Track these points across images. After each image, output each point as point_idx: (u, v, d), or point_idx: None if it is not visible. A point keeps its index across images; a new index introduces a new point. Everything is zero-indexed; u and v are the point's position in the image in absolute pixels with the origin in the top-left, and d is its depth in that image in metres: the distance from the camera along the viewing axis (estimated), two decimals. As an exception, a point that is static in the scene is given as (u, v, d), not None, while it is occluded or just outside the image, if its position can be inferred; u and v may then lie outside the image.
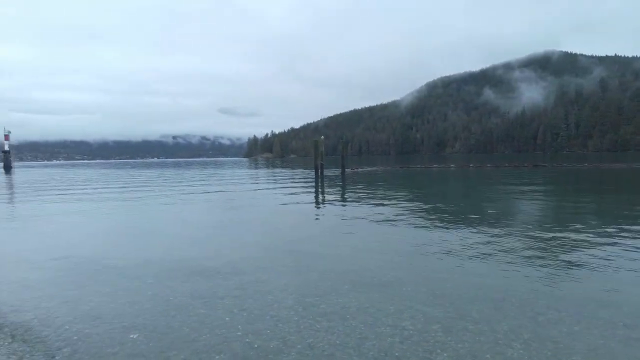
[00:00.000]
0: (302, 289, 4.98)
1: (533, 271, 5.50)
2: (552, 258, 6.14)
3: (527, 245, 7.00)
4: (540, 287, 4.90)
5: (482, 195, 16.38)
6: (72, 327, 3.97)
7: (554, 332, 3.67)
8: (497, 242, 7.28)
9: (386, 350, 3.42)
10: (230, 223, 10.44)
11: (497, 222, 9.31)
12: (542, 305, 4.31)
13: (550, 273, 5.40)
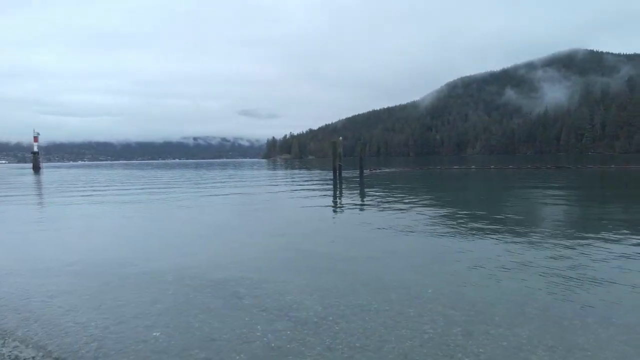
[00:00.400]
0: (321, 290, 4.99)
1: (555, 276, 5.36)
2: (576, 263, 5.98)
3: (549, 250, 6.83)
4: (564, 291, 4.78)
5: (503, 198, 16.09)
6: (97, 323, 4.07)
7: (581, 339, 3.57)
8: (518, 246, 7.14)
9: (406, 353, 3.39)
10: (249, 223, 10.54)
11: (518, 226, 9.13)
12: (567, 310, 4.21)
13: (574, 278, 5.26)
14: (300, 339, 3.66)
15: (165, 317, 4.24)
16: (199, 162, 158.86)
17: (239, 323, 4.03)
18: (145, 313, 4.35)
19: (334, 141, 30.20)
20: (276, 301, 4.61)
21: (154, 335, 3.80)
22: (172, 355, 3.43)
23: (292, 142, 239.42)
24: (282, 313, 4.26)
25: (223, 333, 3.82)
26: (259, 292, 4.95)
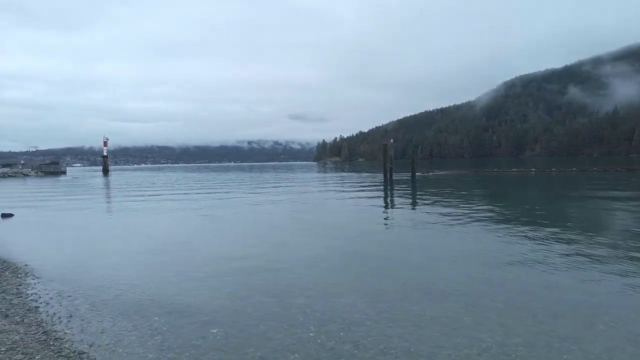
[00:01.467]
0: (374, 293, 4.97)
1: (626, 287, 4.97)
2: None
3: (618, 258, 6.33)
4: (637, 303, 4.41)
5: (566, 202, 15.09)
6: (160, 318, 4.32)
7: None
8: (583, 254, 6.67)
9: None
10: (301, 225, 10.70)
11: (584, 232, 8.53)
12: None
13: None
14: (353, 341, 3.68)
15: (222, 314, 4.42)
16: (253, 165, 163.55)
17: (293, 323, 4.12)
18: (204, 309, 4.56)
19: (385, 143, 29.87)
20: (328, 302, 4.66)
21: (212, 332, 3.97)
22: (229, 352, 3.57)
23: (342, 144, 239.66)
24: (335, 315, 4.29)
25: (278, 332, 3.92)
26: (311, 292, 5.02)
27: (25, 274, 6.03)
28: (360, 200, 16.64)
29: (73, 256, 7.41)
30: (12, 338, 3.60)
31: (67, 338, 3.73)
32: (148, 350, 3.59)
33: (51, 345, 3.54)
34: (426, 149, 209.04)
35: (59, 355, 3.35)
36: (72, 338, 3.75)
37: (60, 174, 70.04)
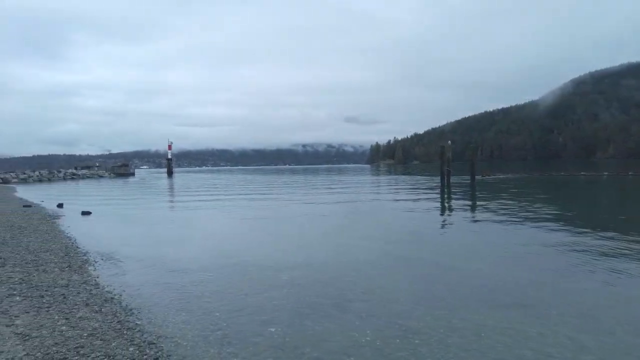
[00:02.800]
0: (431, 300, 4.85)
1: None
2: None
3: None
4: None
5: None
6: (221, 315, 4.50)
7: None
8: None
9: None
10: (355, 228, 10.68)
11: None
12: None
13: None
14: (411, 349, 3.61)
15: (280, 313, 4.52)
16: (307, 168, 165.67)
17: (349, 326, 4.12)
18: (263, 308, 4.69)
19: (443, 145, 29.00)
20: (385, 308, 4.61)
21: (270, 331, 4.07)
22: (287, 351, 3.64)
23: (396, 147, 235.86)
24: (392, 320, 4.24)
25: (334, 334, 3.94)
26: (368, 297, 5.00)
27: (102, 267, 6.55)
28: (416, 204, 16.30)
29: (142, 252, 7.93)
30: (93, 325, 3.93)
31: (138, 328, 3.99)
32: (210, 344, 3.75)
33: (125, 334, 3.81)
34: (486, 150, 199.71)
35: (131, 343, 3.59)
36: (142, 329, 4.01)
37: (130, 175, 75.36)
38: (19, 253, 7.12)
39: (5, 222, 11.09)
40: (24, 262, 6.47)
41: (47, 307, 4.40)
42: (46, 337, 3.60)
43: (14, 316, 4.07)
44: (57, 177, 59.44)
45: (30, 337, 3.59)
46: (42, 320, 4.01)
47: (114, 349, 3.44)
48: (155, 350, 3.48)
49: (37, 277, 5.61)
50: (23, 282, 5.29)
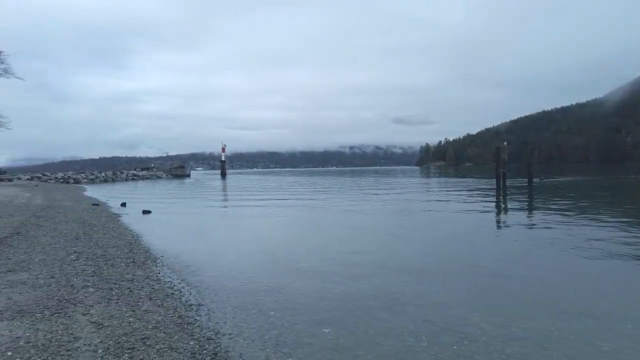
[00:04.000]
0: (489, 307, 4.66)
1: None
2: None
3: None
4: None
5: None
6: (276, 314, 4.59)
7: None
8: None
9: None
10: (406, 232, 10.50)
11: None
12: None
13: None
14: (468, 356, 3.49)
15: (333, 315, 4.54)
16: (354, 170, 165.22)
17: (404, 330, 4.06)
18: (316, 309, 4.73)
19: (498, 146, 27.78)
20: (440, 314, 4.49)
21: (324, 332, 4.10)
22: (341, 352, 3.65)
23: (448, 148, 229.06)
24: (448, 327, 4.12)
25: (388, 338, 3.89)
26: (422, 302, 4.89)
27: (162, 264, 6.91)
28: (470, 208, 15.73)
29: (199, 251, 8.28)
30: (156, 318, 4.15)
31: (197, 324, 4.17)
32: (265, 343, 3.84)
33: (185, 328, 3.99)
34: (544, 151, 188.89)
35: (191, 338, 3.76)
36: (201, 324, 4.18)
37: (186, 176, 79.06)
38: (91, 248, 7.68)
39: (78, 219, 12.02)
40: (95, 256, 6.97)
41: (116, 299, 4.71)
42: (116, 327, 3.85)
43: (89, 306, 4.40)
44: (120, 177, 63.76)
45: (103, 326, 3.86)
46: (112, 311, 4.30)
47: (176, 342, 3.61)
48: (214, 346, 3.61)
49: (106, 270, 6.02)
50: (95, 275, 5.70)
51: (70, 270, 5.91)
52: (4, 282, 5.15)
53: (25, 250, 7.13)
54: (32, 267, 5.99)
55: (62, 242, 8.08)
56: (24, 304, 4.33)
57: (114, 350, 3.34)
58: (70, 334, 3.64)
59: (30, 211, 13.79)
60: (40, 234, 8.95)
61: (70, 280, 5.35)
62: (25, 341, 3.42)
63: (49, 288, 4.97)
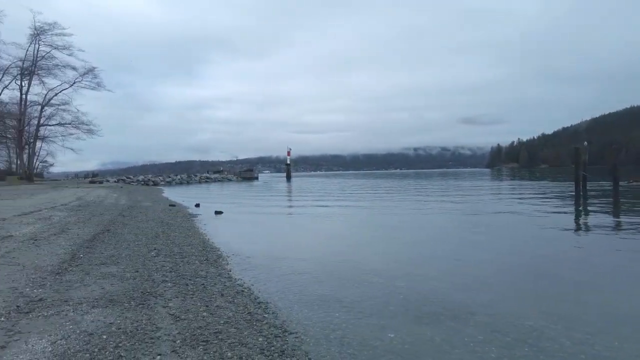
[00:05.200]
0: (568, 320, 4.34)
1: None
2: None
3: None
4: None
5: None
6: (340, 315, 4.64)
7: None
8: None
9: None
10: (476, 237, 10.07)
11: None
12: None
13: None
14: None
15: (398, 320, 4.50)
16: (419, 172, 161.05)
17: (472, 340, 3.91)
18: (381, 313, 4.72)
19: (577, 147, 25.63)
20: (512, 325, 4.27)
21: (389, 336, 4.07)
22: (405, 358, 3.61)
23: (520, 149, 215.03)
24: (521, 339, 3.91)
25: (455, 347, 3.78)
26: (493, 311, 4.68)
27: (233, 262, 7.27)
28: (545, 213, 14.68)
29: (267, 250, 8.60)
30: (227, 314, 4.39)
31: (265, 321, 4.34)
32: (330, 343, 3.90)
33: (254, 324, 4.18)
34: (631, 152, 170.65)
35: (260, 334, 3.92)
36: (269, 322, 4.35)
37: (254, 179, 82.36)
38: (168, 245, 8.29)
39: (157, 219, 13.02)
40: (172, 253, 7.52)
41: (191, 294, 5.05)
42: (192, 320, 4.14)
43: (168, 299, 4.77)
44: (194, 180, 68.03)
45: (180, 318, 4.16)
46: (188, 305, 4.61)
47: (245, 337, 3.79)
48: (281, 343, 3.74)
49: (182, 267, 6.47)
50: (172, 271, 6.16)
51: (151, 265, 6.43)
52: (98, 273, 5.74)
53: (114, 246, 7.87)
54: (120, 261, 6.60)
55: (144, 240, 8.80)
56: (114, 294, 4.80)
57: (189, 342, 3.59)
58: (153, 324, 3.97)
59: (117, 210, 15.17)
60: (125, 232, 9.83)
61: (151, 275, 5.82)
62: (116, 327, 3.80)
63: (134, 281, 5.46)
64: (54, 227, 9.61)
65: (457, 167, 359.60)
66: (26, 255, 6.49)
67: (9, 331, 3.58)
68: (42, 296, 4.59)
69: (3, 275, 5.28)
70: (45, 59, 45.02)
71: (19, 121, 44.19)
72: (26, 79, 44.82)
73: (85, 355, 3.21)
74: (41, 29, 43.89)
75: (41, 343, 3.39)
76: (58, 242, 7.85)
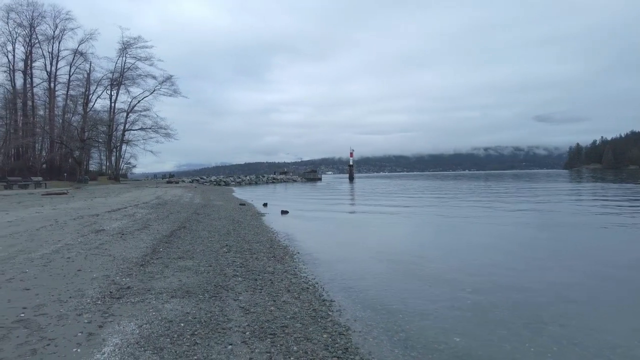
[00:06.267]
0: (660, 338, 3.95)
1: None
2: None
3: None
4: None
5: None
6: (404, 317, 4.62)
7: None
8: None
9: None
10: (550, 244, 9.42)
11: None
12: None
13: None
14: (628, 390, 3.04)
15: (464, 324, 4.38)
16: (489, 174, 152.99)
17: (546, 351, 3.71)
18: (446, 316, 4.62)
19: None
20: (591, 337, 3.98)
21: (454, 340, 3.99)
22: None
23: (604, 148, 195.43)
24: (600, 352, 3.64)
25: (526, 356, 3.61)
26: (568, 322, 4.39)
27: (298, 260, 7.50)
28: (634, 220, 13.31)
29: (330, 250, 8.74)
30: (293, 309, 4.56)
31: (329, 318, 4.44)
32: (394, 344, 3.91)
33: (319, 321, 4.30)
34: None
35: (324, 331, 4.03)
36: (333, 319, 4.44)
37: (317, 180, 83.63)
38: (239, 242, 8.74)
39: (228, 217, 13.75)
40: (242, 249, 7.92)
41: (260, 288, 5.30)
42: (260, 313, 4.35)
43: (238, 293, 5.05)
44: (262, 181, 70.80)
45: (249, 311, 4.39)
46: (257, 299, 4.85)
47: (310, 333, 3.91)
48: (345, 341, 3.81)
49: (251, 263, 6.80)
50: (242, 266, 6.49)
51: (223, 260, 6.83)
52: (175, 266, 6.22)
53: (190, 242, 8.45)
54: (195, 256, 7.09)
55: (217, 237, 9.34)
56: (190, 286, 5.18)
57: (258, 334, 3.78)
58: (225, 315, 4.23)
59: (192, 209, 16.23)
60: (200, 229, 10.50)
61: (223, 270, 6.19)
62: (192, 317, 4.11)
63: (208, 275, 5.84)
64: (137, 223, 10.53)
65: (531, 168, 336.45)
66: (116, 248, 7.20)
67: (104, 313, 4.03)
68: (130, 284, 5.08)
69: (98, 264, 5.92)
70: (131, 70, 49.61)
71: (108, 127, 48.89)
72: (115, 89, 49.74)
73: (166, 340, 3.52)
74: (128, 43, 48.50)
75: (130, 326, 3.77)
76: (141, 236, 8.60)
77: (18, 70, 42.95)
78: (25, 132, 40.89)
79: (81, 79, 47.41)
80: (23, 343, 3.24)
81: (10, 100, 41.94)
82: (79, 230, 8.73)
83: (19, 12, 41.87)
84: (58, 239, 7.61)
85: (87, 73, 47.41)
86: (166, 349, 3.33)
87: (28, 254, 6.32)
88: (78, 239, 7.73)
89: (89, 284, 4.97)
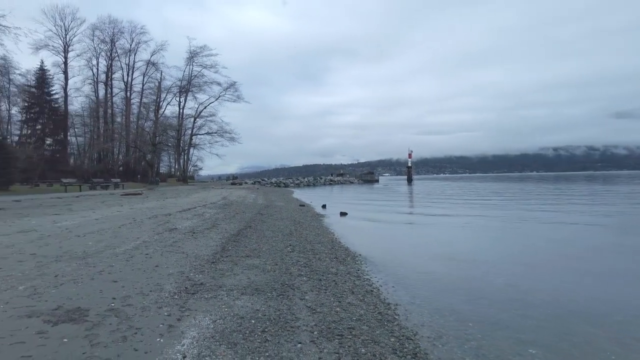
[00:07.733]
0: None
1: None
2: None
3: None
4: None
5: None
6: (474, 325, 4.44)
7: None
8: None
9: None
10: (621, 250, 8.60)
11: None
12: None
13: None
14: None
15: (540, 336, 4.13)
16: (559, 175, 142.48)
17: None
18: (520, 326, 4.39)
19: None
20: None
21: (530, 352, 3.78)
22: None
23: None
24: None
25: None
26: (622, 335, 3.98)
27: (360, 262, 7.48)
28: None
29: (392, 253, 8.63)
30: (359, 311, 4.56)
31: (396, 322, 4.39)
32: (465, 352, 3.78)
33: (385, 324, 4.26)
34: None
35: (391, 335, 3.99)
36: (400, 323, 4.39)
37: (374, 182, 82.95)
38: (301, 242, 8.90)
39: (290, 218, 14.05)
40: (305, 250, 8.05)
41: (324, 289, 5.36)
42: (326, 313, 4.40)
43: (304, 292, 5.15)
44: (319, 182, 71.59)
45: (316, 311, 4.46)
46: (322, 299, 4.91)
47: (377, 336, 3.89)
48: (413, 346, 3.75)
49: (315, 263, 6.90)
50: (306, 266, 6.60)
51: (288, 260, 7.00)
52: (244, 264, 6.47)
53: (256, 241, 8.75)
54: (261, 255, 7.32)
55: (280, 236, 9.59)
56: (258, 284, 5.37)
57: (326, 334, 3.83)
58: (292, 313, 4.33)
59: (255, 209, 16.78)
60: (264, 228, 10.84)
61: (288, 269, 6.34)
62: (262, 314, 4.25)
63: (274, 273, 6.00)
64: (206, 223, 11.08)
65: (609, 169, 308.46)
66: (188, 245, 7.63)
67: (181, 307, 4.29)
68: (202, 281, 5.36)
69: (173, 261, 6.31)
70: (197, 77, 52.55)
71: (177, 132, 52.06)
72: (183, 96, 52.92)
73: (239, 335, 3.67)
74: (194, 52, 51.46)
75: (205, 320, 3.98)
76: (210, 235, 9.03)
77: (100, 82, 47.33)
78: (105, 138, 44.94)
79: (153, 87, 51.24)
80: (115, 330, 3.54)
81: (94, 110, 46.39)
82: (154, 229, 9.36)
83: (102, 29, 46.32)
84: (137, 237, 8.21)
85: (158, 82, 51.07)
86: (239, 345, 3.47)
87: (113, 249, 6.89)
88: (154, 237, 8.29)
89: (166, 279, 5.31)
